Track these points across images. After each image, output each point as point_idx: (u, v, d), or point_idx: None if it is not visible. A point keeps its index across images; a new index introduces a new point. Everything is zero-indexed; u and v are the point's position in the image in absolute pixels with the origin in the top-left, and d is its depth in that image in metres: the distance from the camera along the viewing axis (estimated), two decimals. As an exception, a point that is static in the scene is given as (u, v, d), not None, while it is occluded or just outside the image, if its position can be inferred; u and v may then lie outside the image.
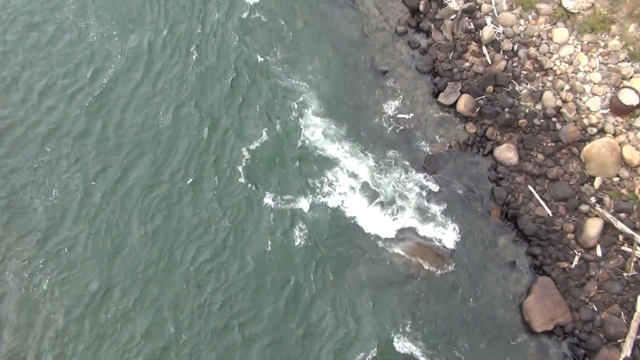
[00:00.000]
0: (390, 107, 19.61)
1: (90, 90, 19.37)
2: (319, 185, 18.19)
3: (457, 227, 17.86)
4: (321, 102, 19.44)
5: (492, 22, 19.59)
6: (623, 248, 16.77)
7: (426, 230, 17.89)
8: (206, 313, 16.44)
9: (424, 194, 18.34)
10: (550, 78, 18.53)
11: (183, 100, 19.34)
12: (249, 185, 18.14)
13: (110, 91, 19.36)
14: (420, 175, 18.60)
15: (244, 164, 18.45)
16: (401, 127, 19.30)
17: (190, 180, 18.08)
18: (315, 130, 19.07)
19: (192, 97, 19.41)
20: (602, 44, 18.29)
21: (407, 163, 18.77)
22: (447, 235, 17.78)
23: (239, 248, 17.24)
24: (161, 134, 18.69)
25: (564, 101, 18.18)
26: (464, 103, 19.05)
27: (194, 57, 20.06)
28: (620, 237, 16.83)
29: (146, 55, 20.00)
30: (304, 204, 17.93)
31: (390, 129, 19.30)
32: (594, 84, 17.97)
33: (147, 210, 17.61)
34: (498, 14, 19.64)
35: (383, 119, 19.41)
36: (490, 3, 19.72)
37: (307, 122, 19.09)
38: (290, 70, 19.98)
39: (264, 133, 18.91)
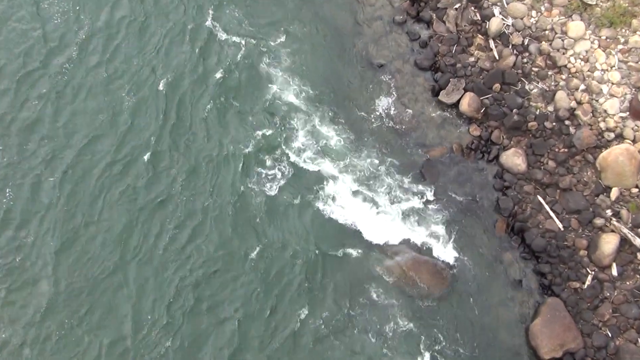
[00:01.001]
0: (385, 104, 19.06)
1: (44, 72, 18.68)
2: (294, 178, 17.74)
3: (457, 241, 17.40)
4: (304, 95, 18.87)
5: (500, 13, 19.20)
6: (641, 267, 16.32)
7: (423, 243, 17.32)
8: (178, 300, 16.12)
9: (421, 203, 17.83)
10: (563, 76, 18.21)
11: (142, 77, 18.82)
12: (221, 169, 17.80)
13: (65, 73, 18.69)
14: (417, 182, 18.02)
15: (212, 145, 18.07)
16: (397, 128, 18.75)
17: (151, 160, 17.62)
18: (296, 120, 18.50)
19: (152, 75, 18.81)
20: (622, 39, 17.92)
21: (403, 168, 18.14)
22: (447, 250, 17.30)
23: (208, 230, 16.99)
24: (119, 114, 18.18)
25: (579, 102, 17.85)
26: (467, 102, 18.58)
27: (157, 32, 19.50)
28: (639, 255, 16.42)
29: (104, 30, 19.52)
30: (281, 195, 17.49)
31: (384, 129, 18.72)
32: (612, 84, 17.66)
33: (105, 200, 17.13)
34: (507, 4, 19.27)
35: (376, 118, 18.85)
36: (499, -8, 19.65)
37: (285, 108, 18.58)
38: (270, 55, 19.48)
39: (235, 116, 18.47)
